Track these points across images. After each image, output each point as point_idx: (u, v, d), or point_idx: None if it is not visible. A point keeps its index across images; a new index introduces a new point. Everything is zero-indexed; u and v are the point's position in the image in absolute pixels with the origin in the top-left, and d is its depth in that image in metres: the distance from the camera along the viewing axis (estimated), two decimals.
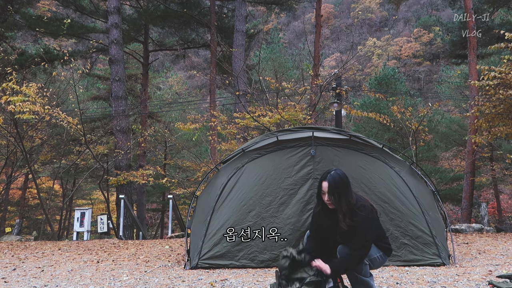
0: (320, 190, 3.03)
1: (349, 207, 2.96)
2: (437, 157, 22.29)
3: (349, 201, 2.96)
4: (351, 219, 2.94)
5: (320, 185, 3.02)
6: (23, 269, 5.52)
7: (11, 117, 11.07)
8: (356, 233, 2.94)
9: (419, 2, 61.51)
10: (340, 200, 2.94)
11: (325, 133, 5.42)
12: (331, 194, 2.95)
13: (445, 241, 5.18)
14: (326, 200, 3.00)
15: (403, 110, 12.39)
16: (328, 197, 2.97)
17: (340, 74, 12.60)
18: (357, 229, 2.93)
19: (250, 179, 5.21)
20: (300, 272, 3.06)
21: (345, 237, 2.99)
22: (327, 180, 2.95)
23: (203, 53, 29.33)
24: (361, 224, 2.94)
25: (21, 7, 16.20)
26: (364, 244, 2.97)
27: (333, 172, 2.99)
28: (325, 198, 2.99)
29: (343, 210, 2.95)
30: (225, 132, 12.02)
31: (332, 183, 2.94)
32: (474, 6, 14.65)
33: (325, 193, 2.98)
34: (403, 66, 50.78)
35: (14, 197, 21.66)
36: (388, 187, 5.11)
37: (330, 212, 3.05)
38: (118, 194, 13.14)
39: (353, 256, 2.96)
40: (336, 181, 2.94)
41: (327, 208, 3.06)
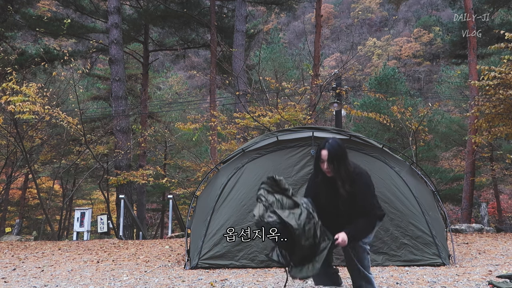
0: (320, 159, 3.04)
1: (348, 174, 3.01)
2: (437, 157, 22.28)
3: (348, 169, 3.01)
4: (351, 185, 3.00)
5: (319, 154, 3.04)
6: (23, 269, 5.51)
7: (11, 117, 11.07)
8: (358, 199, 3.00)
9: (419, 2, 61.50)
10: (339, 168, 2.98)
11: (325, 133, 5.43)
12: (330, 162, 2.98)
13: (445, 241, 5.18)
14: (325, 168, 3.02)
15: (403, 110, 12.39)
16: (327, 165, 2.99)
17: (340, 74, 12.60)
18: (358, 195, 3.00)
19: (250, 179, 5.21)
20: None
21: (347, 204, 3.03)
22: (326, 148, 2.99)
23: (203, 53, 29.33)
24: (362, 190, 3.02)
25: (21, 7, 16.19)
26: (370, 208, 3.04)
27: (331, 141, 3.03)
28: (325, 167, 3.02)
29: (342, 177, 3.00)
30: (225, 132, 12.01)
31: (331, 151, 2.97)
32: (474, 6, 14.64)
33: (324, 161, 3.00)
34: (403, 66, 50.77)
35: (14, 197, 21.65)
36: (388, 187, 5.11)
37: (329, 181, 3.08)
38: (118, 194, 13.13)
39: (366, 222, 3.04)
40: (335, 149, 2.99)
41: (326, 177, 3.09)
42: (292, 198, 3.06)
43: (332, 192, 3.07)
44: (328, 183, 3.09)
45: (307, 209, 2.96)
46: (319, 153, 3.04)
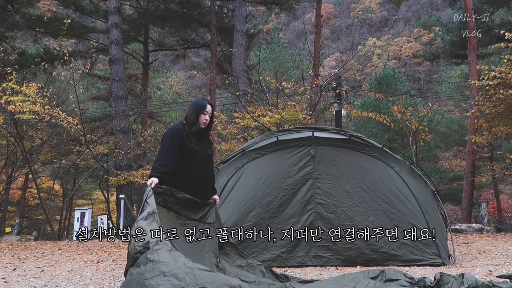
0: (204, 110, 3.52)
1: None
2: (437, 157, 22.27)
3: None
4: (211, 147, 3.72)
5: (205, 106, 3.53)
6: (23, 269, 5.51)
7: (11, 117, 11.08)
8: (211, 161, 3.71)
9: (419, 2, 61.44)
10: (212, 123, 3.65)
11: (325, 133, 5.43)
12: (212, 115, 3.59)
13: (445, 241, 5.18)
14: (205, 120, 3.52)
15: (403, 110, 12.40)
16: (208, 117, 3.54)
17: (340, 74, 12.60)
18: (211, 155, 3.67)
19: (250, 179, 5.21)
20: None
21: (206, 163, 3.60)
22: (210, 103, 3.57)
23: (203, 53, 29.28)
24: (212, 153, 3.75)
25: (21, 7, 16.17)
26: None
27: (210, 100, 3.70)
28: (206, 118, 3.52)
29: (209, 134, 3.70)
30: (225, 132, 12.01)
31: (213, 106, 3.63)
32: (474, 6, 14.64)
33: (207, 113, 3.53)
34: (403, 66, 50.72)
35: (14, 197, 21.65)
36: (388, 187, 5.11)
37: (199, 135, 3.56)
38: (118, 194, 13.14)
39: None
40: (214, 106, 3.67)
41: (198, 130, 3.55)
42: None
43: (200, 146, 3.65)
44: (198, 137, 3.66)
45: None
46: (205, 106, 3.58)
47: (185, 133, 3.48)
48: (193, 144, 3.49)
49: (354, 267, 4.79)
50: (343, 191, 5.10)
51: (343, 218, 4.99)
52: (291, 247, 4.92)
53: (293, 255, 4.91)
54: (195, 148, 3.49)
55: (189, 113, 3.53)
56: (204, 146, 3.61)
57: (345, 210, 5.02)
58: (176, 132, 3.45)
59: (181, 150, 3.43)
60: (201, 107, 3.52)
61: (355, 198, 5.07)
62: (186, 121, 3.55)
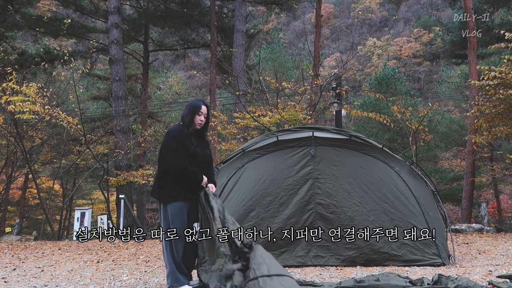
0: (199, 111, 3.56)
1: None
2: (437, 157, 22.26)
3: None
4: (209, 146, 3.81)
5: (200, 107, 3.58)
6: (23, 269, 5.52)
7: (11, 117, 11.08)
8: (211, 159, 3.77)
9: (419, 2, 61.43)
10: (208, 123, 3.72)
11: (325, 133, 5.42)
12: (207, 115, 3.65)
13: (445, 241, 5.18)
14: (200, 121, 3.57)
15: (403, 110, 12.40)
16: (203, 118, 3.59)
17: (340, 74, 12.60)
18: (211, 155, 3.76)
19: (250, 179, 5.21)
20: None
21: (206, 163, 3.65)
22: (205, 104, 3.63)
23: (203, 53, 29.30)
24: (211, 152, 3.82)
25: (21, 7, 16.17)
26: None
27: (205, 100, 3.81)
28: (201, 119, 3.57)
29: (206, 134, 3.76)
30: (225, 132, 12.02)
31: (208, 106, 3.67)
32: (474, 6, 14.63)
33: (202, 113, 3.57)
34: (403, 66, 50.70)
35: (14, 197, 21.64)
36: (388, 187, 5.11)
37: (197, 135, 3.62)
38: (118, 194, 13.13)
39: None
40: (209, 107, 3.70)
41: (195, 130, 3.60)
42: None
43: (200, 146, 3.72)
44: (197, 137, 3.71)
45: None
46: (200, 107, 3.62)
47: (185, 134, 3.54)
48: (194, 145, 3.54)
49: (354, 267, 4.79)
50: (343, 191, 5.10)
51: (343, 218, 4.99)
52: (291, 247, 4.92)
53: (293, 255, 4.91)
54: (196, 149, 3.55)
55: (185, 114, 3.60)
56: (203, 147, 3.67)
57: (345, 210, 5.02)
58: (179, 133, 3.53)
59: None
60: (196, 108, 3.58)
61: (355, 198, 5.07)
62: (182, 122, 3.60)
